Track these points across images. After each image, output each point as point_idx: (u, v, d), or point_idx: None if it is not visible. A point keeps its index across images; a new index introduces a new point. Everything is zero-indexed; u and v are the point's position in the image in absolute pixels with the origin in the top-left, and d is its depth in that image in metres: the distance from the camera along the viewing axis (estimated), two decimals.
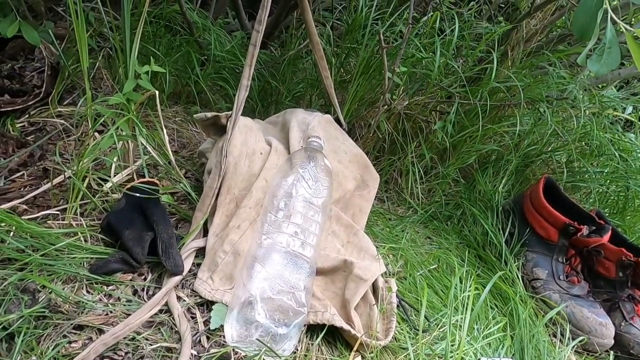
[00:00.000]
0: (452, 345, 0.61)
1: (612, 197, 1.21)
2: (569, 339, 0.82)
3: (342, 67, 1.22)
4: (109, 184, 0.77)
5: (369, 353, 0.59)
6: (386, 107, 1.02)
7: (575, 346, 0.85)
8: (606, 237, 0.92)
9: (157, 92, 0.75)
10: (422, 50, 1.04)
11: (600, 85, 1.37)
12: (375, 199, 1.12)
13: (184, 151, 1.04)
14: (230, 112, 0.74)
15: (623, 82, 1.61)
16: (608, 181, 1.18)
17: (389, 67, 0.92)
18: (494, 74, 1.00)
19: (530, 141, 1.11)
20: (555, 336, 0.86)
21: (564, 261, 0.95)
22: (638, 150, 1.16)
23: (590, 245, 0.93)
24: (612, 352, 0.87)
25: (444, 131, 1.02)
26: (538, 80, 1.05)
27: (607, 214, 1.17)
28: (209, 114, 0.76)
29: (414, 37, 1.03)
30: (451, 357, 0.55)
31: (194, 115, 0.79)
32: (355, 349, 0.55)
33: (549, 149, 1.13)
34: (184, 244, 0.70)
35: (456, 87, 1.05)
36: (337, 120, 1.00)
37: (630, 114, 1.48)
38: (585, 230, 0.93)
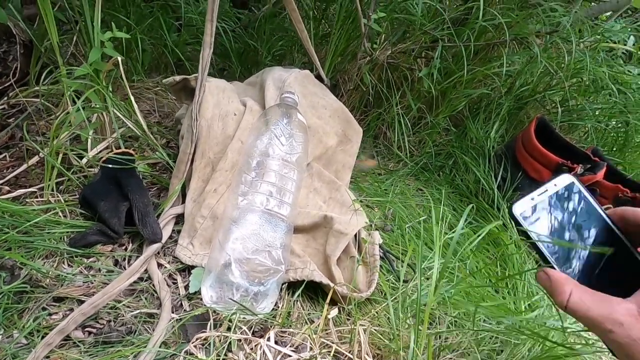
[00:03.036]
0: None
1: (612, 134, 1.16)
2: None
3: (324, 20, 1.17)
4: (85, 159, 0.76)
5: (348, 305, 0.58)
6: (367, 57, 0.98)
7: None
8: (600, 174, 0.89)
9: (120, 57, 0.72)
10: None
11: (598, 18, 1.30)
12: (364, 156, 1.10)
13: (166, 121, 1.02)
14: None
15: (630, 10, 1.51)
16: (606, 117, 1.13)
17: (365, 13, 0.88)
18: (481, 13, 0.94)
19: (523, 82, 1.06)
20: None
21: None
22: (638, 83, 1.10)
23: (584, 184, 0.90)
24: None
25: (429, 78, 0.98)
26: (526, 14, 0.99)
27: (606, 152, 1.13)
28: (178, 78, 0.74)
29: None
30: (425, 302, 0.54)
31: (163, 81, 0.77)
32: (327, 300, 0.55)
33: (542, 89, 1.08)
34: (162, 211, 0.69)
35: (441, 30, 0.99)
36: (319, 77, 0.96)
37: (633, 45, 1.40)
38: (579, 169, 0.90)
